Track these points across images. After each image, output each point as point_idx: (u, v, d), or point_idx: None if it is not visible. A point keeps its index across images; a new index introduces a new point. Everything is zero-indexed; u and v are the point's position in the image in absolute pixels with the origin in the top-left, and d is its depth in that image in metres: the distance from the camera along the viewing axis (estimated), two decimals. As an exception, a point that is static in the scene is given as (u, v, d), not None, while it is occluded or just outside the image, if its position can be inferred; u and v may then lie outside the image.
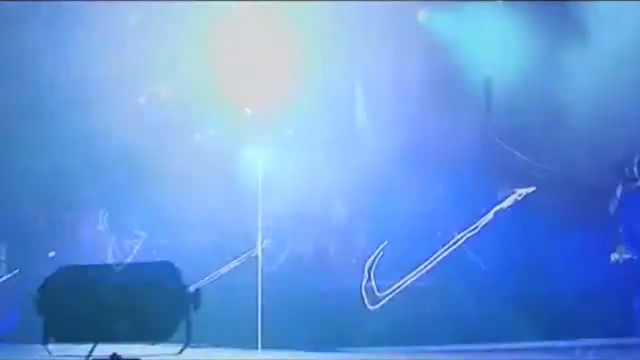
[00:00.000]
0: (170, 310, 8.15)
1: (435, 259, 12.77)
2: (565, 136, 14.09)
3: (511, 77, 15.03)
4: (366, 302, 12.82)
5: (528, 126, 14.53)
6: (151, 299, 8.08)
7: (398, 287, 12.67)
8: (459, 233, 13.04)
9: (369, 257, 13.45)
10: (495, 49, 15.02)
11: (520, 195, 13.67)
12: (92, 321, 8.09)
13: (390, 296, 12.68)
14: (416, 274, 12.66)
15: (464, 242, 12.96)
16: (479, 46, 15.17)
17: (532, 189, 13.73)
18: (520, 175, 14.12)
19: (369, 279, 13.15)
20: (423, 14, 16.32)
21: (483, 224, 13.17)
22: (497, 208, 13.43)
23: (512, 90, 14.74)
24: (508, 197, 13.66)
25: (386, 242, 13.63)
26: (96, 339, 8.27)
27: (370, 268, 13.36)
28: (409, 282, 12.66)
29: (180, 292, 8.19)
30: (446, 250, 12.85)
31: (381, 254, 13.55)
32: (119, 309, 8.14)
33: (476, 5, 15.47)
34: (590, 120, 13.74)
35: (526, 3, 15.11)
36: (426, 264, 12.74)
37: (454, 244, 12.92)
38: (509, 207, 13.55)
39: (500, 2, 15.77)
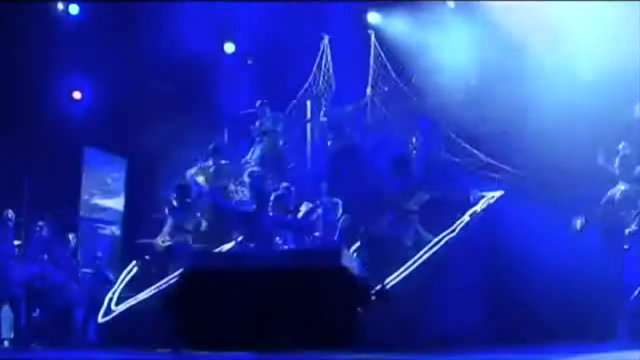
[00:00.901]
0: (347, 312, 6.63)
1: (415, 261, 12.10)
2: (528, 138, 13.78)
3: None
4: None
5: (491, 128, 14.17)
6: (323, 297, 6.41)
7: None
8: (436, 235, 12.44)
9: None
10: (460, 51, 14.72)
11: (492, 198, 13.18)
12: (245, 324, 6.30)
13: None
14: (397, 277, 11.94)
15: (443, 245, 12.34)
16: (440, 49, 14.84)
17: (500, 192, 13.27)
18: (486, 178, 13.74)
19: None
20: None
21: (460, 226, 12.59)
22: (470, 211, 12.89)
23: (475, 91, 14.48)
24: (479, 200, 13.16)
25: (359, 243, 12.96)
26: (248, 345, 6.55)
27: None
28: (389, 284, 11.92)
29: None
30: (426, 252, 12.20)
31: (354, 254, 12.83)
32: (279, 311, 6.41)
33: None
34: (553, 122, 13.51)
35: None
36: (406, 265, 12.05)
37: (433, 246, 12.28)
38: (482, 209, 13.05)
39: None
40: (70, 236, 15.41)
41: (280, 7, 15.55)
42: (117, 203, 16.73)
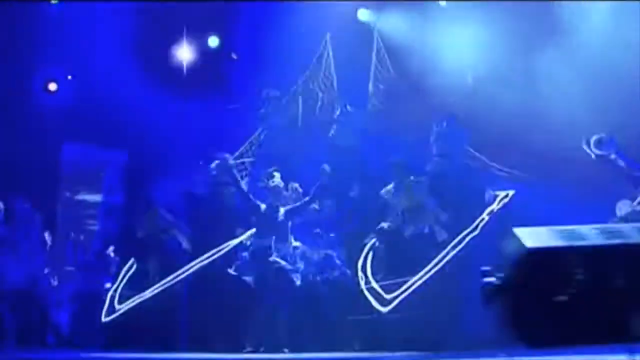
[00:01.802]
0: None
1: (441, 259, 11.57)
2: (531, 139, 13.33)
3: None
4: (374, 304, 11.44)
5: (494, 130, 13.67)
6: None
7: (407, 288, 11.34)
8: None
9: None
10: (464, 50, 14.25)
11: (506, 197, 12.72)
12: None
13: (401, 297, 11.32)
14: (424, 275, 11.40)
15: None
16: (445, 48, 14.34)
17: (512, 191, 12.81)
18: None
19: (367, 280, 11.80)
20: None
21: (481, 225, 12.10)
22: (488, 209, 12.42)
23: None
24: (493, 199, 12.69)
25: (374, 240, 12.39)
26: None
27: (364, 267, 12.02)
28: (417, 283, 11.35)
29: None
30: (450, 252, 11.67)
31: (370, 252, 12.25)
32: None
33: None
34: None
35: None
36: (433, 264, 11.52)
37: (456, 245, 11.76)
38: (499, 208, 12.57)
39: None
40: (47, 234, 14.27)
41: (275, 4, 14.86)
42: (104, 198, 15.68)
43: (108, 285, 13.24)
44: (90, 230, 15.32)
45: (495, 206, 12.40)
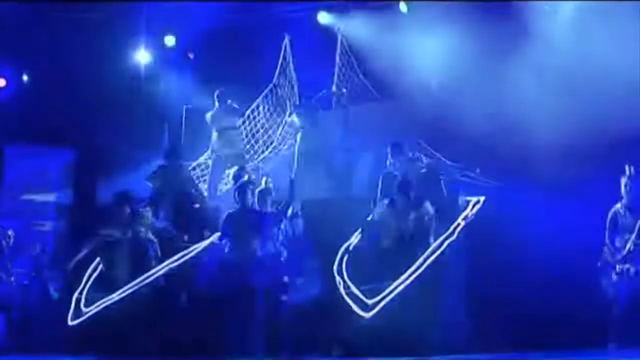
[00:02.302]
0: None
1: (421, 264, 11.37)
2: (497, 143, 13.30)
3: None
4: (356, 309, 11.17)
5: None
6: None
7: (389, 292, 11.13)
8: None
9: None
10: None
11: (478, 203, 12.61)
12: None
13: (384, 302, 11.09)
14: (406, 279, 11.19)
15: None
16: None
17: (482, 197, 12.71)
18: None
19: (346, 284, 11.52)
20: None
21: (458, 230, 11.95)
22: (463, 214, 12.29)
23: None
24: (467, 205, 12.57)
25: (348, 244, 12.12)
26: None
27: (340, 271, 11.75)
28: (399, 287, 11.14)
29: None
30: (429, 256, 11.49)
31: (345, 256, 11.98)
32: None
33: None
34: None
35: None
36: (413, 268, 11.32)
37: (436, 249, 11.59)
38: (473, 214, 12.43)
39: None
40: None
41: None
42: (56, 197, 14.98)
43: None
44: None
45: (468, 211, 12.27)
